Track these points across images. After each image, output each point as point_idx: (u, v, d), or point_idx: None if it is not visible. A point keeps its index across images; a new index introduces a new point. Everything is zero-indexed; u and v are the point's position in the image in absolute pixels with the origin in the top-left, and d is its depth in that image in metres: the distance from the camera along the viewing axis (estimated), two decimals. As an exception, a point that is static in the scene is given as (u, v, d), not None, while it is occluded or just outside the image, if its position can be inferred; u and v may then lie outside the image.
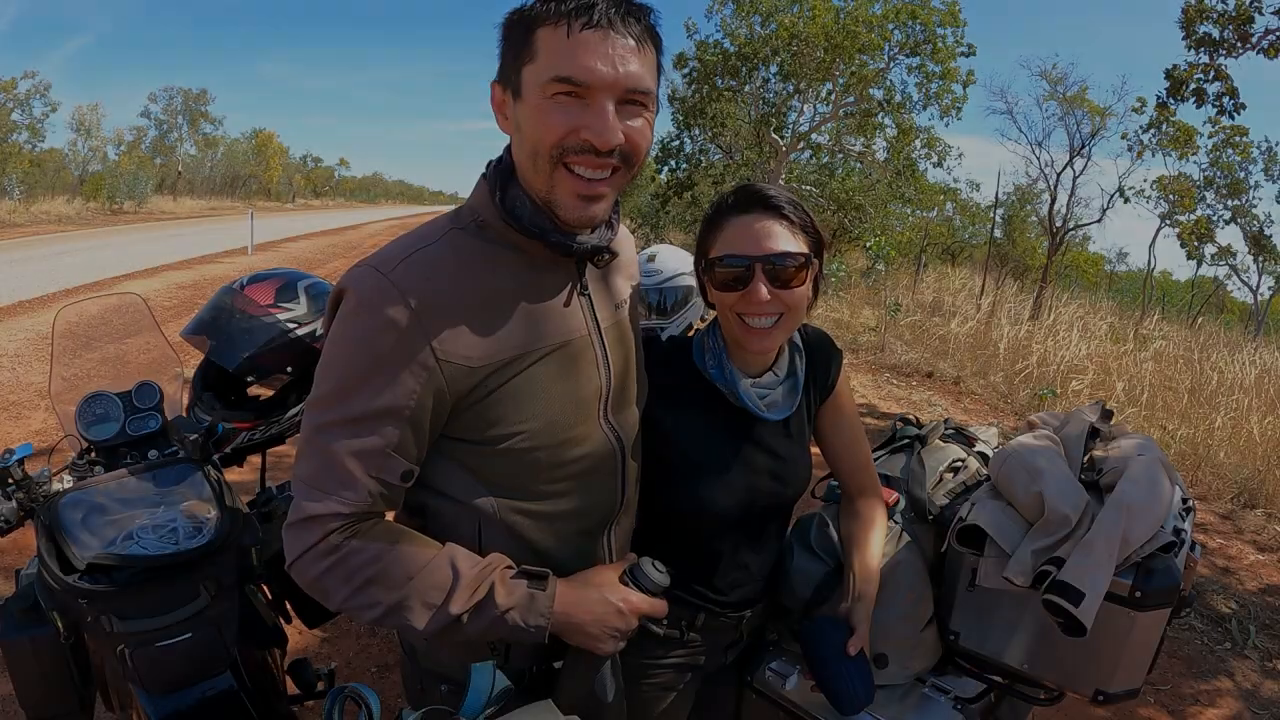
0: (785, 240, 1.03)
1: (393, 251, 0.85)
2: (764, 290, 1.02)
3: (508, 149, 0.90)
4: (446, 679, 1.00)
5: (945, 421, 1.58)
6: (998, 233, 18.68)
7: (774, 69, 14.37)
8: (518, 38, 0.81)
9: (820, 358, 1.23)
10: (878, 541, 1.23)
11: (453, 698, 0.92)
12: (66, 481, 1.32)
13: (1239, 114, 7.01)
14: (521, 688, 1.01)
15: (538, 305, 0.89)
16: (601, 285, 0.99)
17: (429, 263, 0.84)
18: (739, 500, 1.16)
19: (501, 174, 0.88)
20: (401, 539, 0.86)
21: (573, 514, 0.96)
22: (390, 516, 0.92)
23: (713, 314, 1.23)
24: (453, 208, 0.95)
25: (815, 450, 1.29)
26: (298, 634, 2.44)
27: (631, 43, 0.79)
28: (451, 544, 0.88)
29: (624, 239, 1.05)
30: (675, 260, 2.19)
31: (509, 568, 0.89)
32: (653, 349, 1.19)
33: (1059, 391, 6.53)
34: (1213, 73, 6.88)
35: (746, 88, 14.82)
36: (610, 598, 0.91)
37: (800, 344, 1.20)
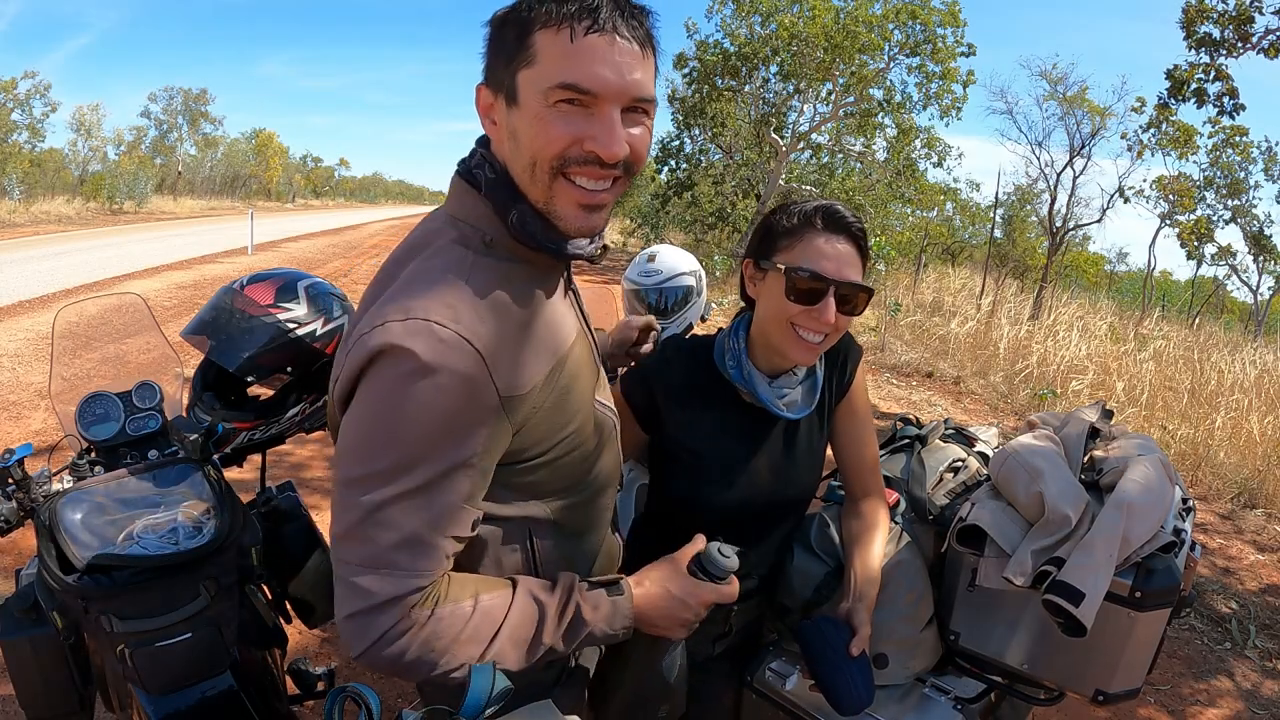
0: (857, 270, 1.09)
1: (432, 296, 0.76)
2: (832, 313, 1.06)
3: (486, 146, 0.86)
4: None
5: (945, 421, 1.58)
6: (998, 233, 18.69)
7: (774, 69, 14.40)
8: (511, 39, 0.76)
9: (839, 356, 1.24)
10: (880, 543, 1.23)
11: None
12: (66, 481, 1.32)
13: (1239, 114, 7.02)
14: (559, 682, 1.04)
15: (551, 313, 0.88)
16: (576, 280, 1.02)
17: (477, 303, 0.77)
18: (741, 497, 1.18)
19: (506, 189, 0.82)
20: (480, 589, 0.83)
21: (601, 493, 1.00)
22: None
23: (714, 313, 1.24)
24: (447, 226, 0.87)
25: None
26: (298, 634, 2.44)
27: (636, 48, 0.76)
28: (519, 576, 0.88)
29: None
30: (675, 260, 2.19)
31: (582, 582, 0.90)
32: (671, 347, 1.24)
33: (1059, 391, 6.54)
34: (1213, 73, 6.89)
35: (746, 88, 14.84)
36: (680, 595, 0.93)
37: None
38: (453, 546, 0.79)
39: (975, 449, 1.52)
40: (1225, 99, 6.96)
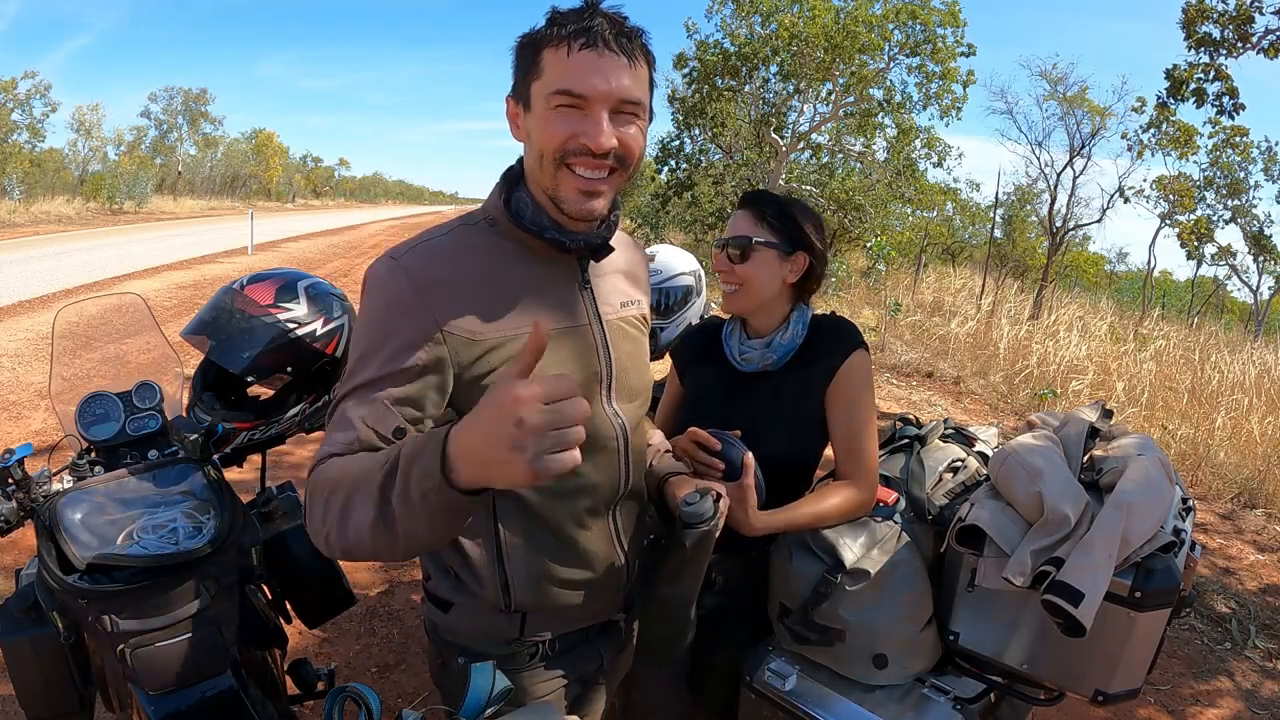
0: (748, 228, 1.33)
1: (406, 243, 0.96)
2: (723, 261, 1.34)
3: (520, 158, 1.01)
4: (465, 650, 1.07)
5: (945, 421, 1.58)
6: (998, 233, 18.68)
7: (774, 69, 14.36)
8: (527, 58, 0.92)
9: (829, 342, 1.34)
10: (820, 503, 1.25)
11: (467, 670, 0.93)
12: (66, 481, 1.32)
13: (1239, 114, 7.02)
14: (539, 661, 1.08)
15: (538, 292, 0.98)
16: (606, 283, 1.07)
17: (434, 249, 0.95)
18: None
19: (509, 179, 1.00)
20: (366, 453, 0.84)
21: (578, 491, 1.02)
22: None
23: (714, 312, 1.36)
24: (453, 207, 0.99)
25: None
26: (298, 634, 2.44)
27: (624, 60, 0.89)
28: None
29: (627, 247, 1.14)
30: (675, 260, 2.19)
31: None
32: (704, 322, 1.56)
33: (1059, 391, 6.54)
34: (1213, 73, 6.89)
35: (746, 88, 14.82)
36: (492, 401, 0.67)
37: (803, 325, 1.36)
38: (369, 435, 0.87)
39: (975, 449, 1.52)
40: (1225, 99, 6.96)
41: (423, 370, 0.90)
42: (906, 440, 1.52)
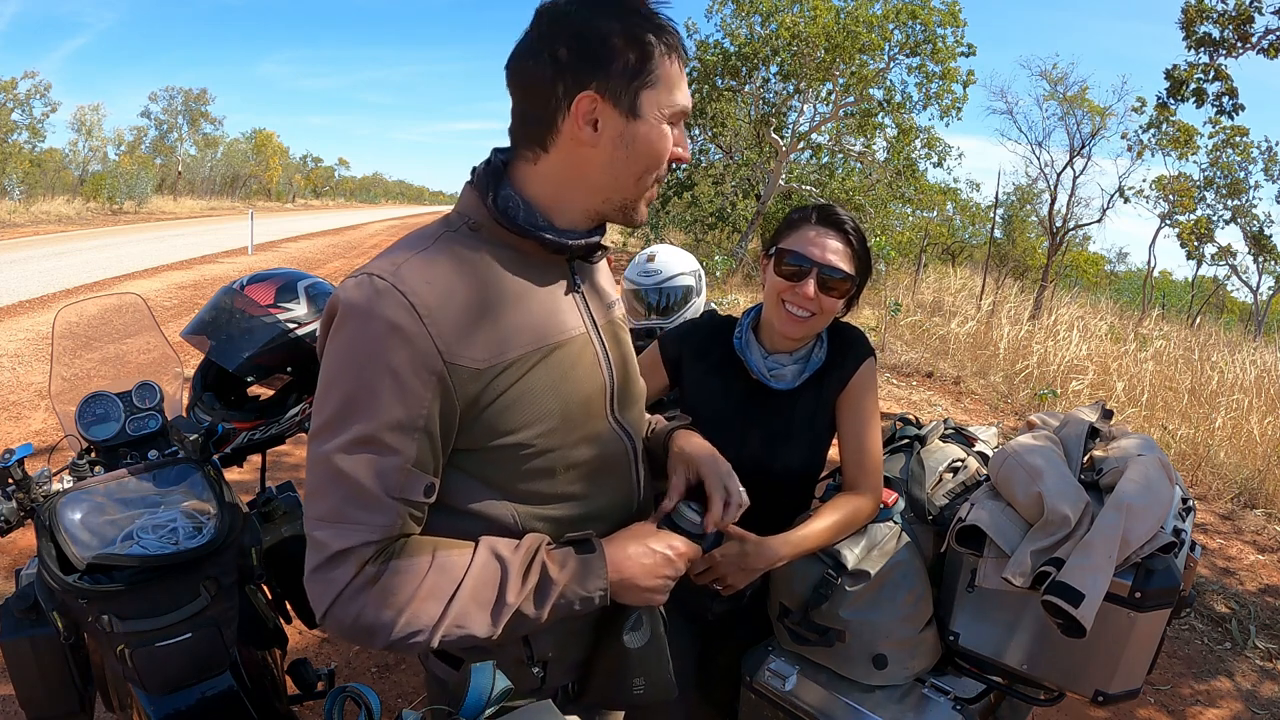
0: (841, 259, 1.25)
1: (387, 258, 0.83)
2: (811, 289, 1.23)
3: (496, 151, 0.93)
4: None
5: (945, 421, 1.58)
6: (998, 233, 18.70)
7: (774, 69, 14.39)
8: (633, 60, 0.83)
9: (842, 351, 1.33)
10: (824, 521, 1.23)
11: (468, 671, 0.90)
12: (66, 481, 1.32)
13: (1239, 114, 7.03)
14: (558, 704, 0.98)
15: (535, 304, 0.88)
16: (592, 284, 1.00)
17: (426, 265, 0.82)
18: (730, 457, 1.19)
19: (492, 176, 0.89)
20: (438, 546, 0.83)
21: (592, 517, 0.94)
22: None
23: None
24: (453, 207, 0.96)
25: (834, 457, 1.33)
26: (298, 634, 2.45)
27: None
28: (485, 536, 0.86)
29: None
30: (675, 260, 2.19)
31: (550, 542, 0.88)
32: (705, 318, 1.45)
33: (1059, 391, 6.53)
34: (1213, 73, 6.89)
35: (746, 88, 14.83)
36: (656, 547, 0.91)
37: (824, 336, 1.33)
38: (404, 508, 0.81)
39: (975, 449, 1.52)
40: (1225, 99, 6.98)
41: (430, 416, 0.79)
42: (906, 440, 1.52)
